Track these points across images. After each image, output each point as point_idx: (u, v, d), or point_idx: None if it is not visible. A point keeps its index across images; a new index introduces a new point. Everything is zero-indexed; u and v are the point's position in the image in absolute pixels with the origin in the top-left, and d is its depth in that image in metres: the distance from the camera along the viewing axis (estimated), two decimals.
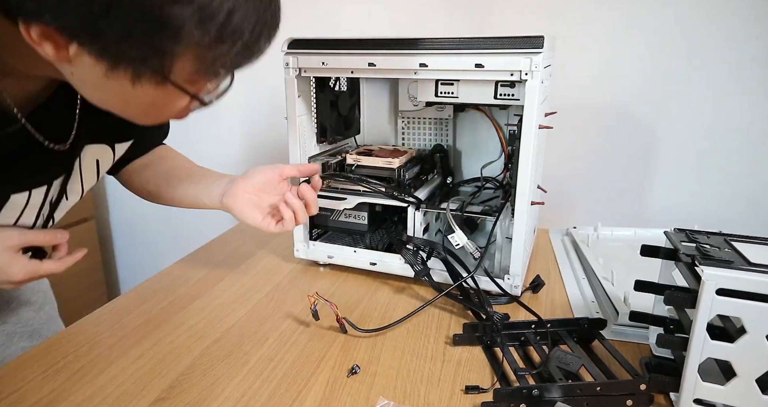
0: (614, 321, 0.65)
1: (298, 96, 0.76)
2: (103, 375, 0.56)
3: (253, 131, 1.58)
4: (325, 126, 0.84)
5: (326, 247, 0.83)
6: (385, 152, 0.84)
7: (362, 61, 0.70)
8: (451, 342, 0.62)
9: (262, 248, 0.93)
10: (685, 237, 0.54)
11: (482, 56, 0.64)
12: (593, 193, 1.28)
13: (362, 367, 0.57)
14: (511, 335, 0.62)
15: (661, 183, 1.22)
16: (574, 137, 1.22)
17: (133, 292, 0.76)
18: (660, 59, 1.14)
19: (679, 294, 0.49)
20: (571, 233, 0.95)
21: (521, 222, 0.68)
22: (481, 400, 0.52)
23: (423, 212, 0.78)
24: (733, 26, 1.07)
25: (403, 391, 0.54)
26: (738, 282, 0.45)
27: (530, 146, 0.65)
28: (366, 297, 0.74)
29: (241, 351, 0.61)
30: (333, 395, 0.53)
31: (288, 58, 0.74)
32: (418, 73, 0.68)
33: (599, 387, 0.51)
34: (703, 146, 1.17)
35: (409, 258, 0.73)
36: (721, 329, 0.50)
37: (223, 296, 0.75)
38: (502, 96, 0.70)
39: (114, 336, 0.64)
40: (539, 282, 0.76)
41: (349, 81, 0.90)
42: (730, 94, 1.12)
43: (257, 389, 0.54)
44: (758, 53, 1.07)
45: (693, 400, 0.49)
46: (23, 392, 0.54)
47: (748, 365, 0.46)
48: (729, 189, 1.17)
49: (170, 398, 0.53)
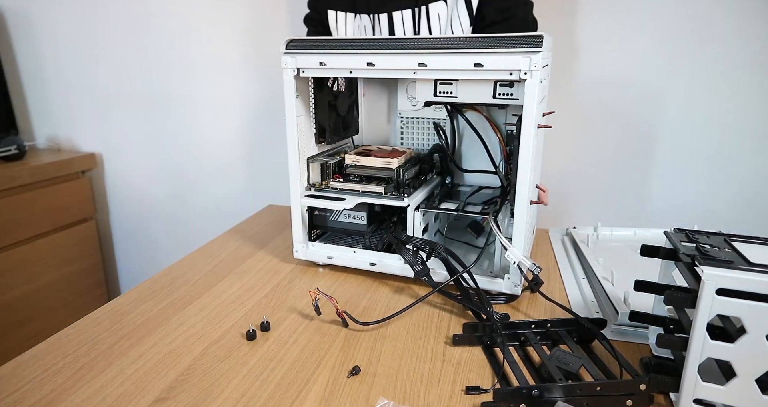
0: (614, 320, 0.65)
1: (296, 96, 0.76)
2: (103, 375, 0.56)
3: (252, 131, 1.58)
4: (324, 126, 0.84)
5: (325, 248, 0.83)
6: (383, 152, 0.84)
7: (361, 61, 0.70)
8: (451, 342, 0.62)
9: (262, 248, 0.93)
10: (685, 237, 0.54)
11: (481, 56, 0.64)
12: (593, 193, 1.28)
13: (362, 367, 0.57)
14: (511, 335, 0.62)
15: (661, 183, 1.22)
16: (574, 137, 1.22)
17: (133, 292, 0.76)
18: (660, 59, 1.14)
19: (679, 294, 0.49)
20: (571, 233, 0.95)
21: (521, 222, 0.68)
22: (481, 400, 0.52)
23: (423, 212, 0.78)
24: (734, 26, 1.07)
25: (403, 391, 0.54)
26: (738, 282, 0.45)
27: (529, 146, 0.65)
28: (366, 297, 0.74)
29: (241, 351, 0.61)
30: (333, 395, 0.53)
31: (286, 59, 0.74)
32: (416, 72, 0.68)
33: (599, 387, 0.51)
34: (703, 146, 1.17)
35: (409, 258, 0.73)
36: (721, 329, 0.50)
37: (223, 297, 0.75)
38: (500, 96, 0.70)
39: (114, 336, 0.64)
40: (538, 281, 0.75)
41: (347, 81, 0.90)
42: (730, 95, 1.12)
43: (257, 389, 0.54)
44: (758, 54, 1.07)
45: (693, 400, 0.49)
46: (23, 392, 0.54)
47: (748, 365, 0.46)
48: (729, 189, 1.17)
49: (170, 398, 0.53)
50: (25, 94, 1.79)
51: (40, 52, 1.72)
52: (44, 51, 1.71)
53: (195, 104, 1.60)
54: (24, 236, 1.53)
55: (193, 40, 1.53)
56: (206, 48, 1.53)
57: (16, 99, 1.79)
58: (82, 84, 1.71)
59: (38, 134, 1.83)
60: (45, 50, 1.71)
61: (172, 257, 0.92)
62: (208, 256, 0.90)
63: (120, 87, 1.67)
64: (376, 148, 0.88)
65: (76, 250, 1.69)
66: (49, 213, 1.60)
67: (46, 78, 1.74)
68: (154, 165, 1.71)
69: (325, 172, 0.82)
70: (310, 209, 0.84)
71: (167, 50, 1.57)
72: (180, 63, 1.57)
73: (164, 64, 1.59)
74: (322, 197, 0.79)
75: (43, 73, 1.74)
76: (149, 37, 1.57)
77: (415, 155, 0.86)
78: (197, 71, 1.56)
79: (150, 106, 1.65)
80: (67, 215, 1.67)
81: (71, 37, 1.65)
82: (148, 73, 1.62)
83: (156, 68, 1.60)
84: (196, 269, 0.84)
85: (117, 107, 1.70)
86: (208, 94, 1.58)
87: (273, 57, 1.46)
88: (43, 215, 1.58)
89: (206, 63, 1.54)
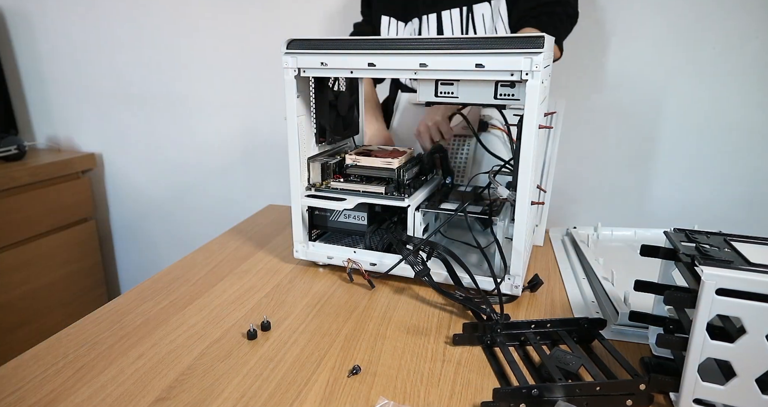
0: (614, 321, 0.65)
1: (297, 96, 0.76)
2: (103, 375, 0.56)
3: (253, 131, 1.58)
4: (324, 126, 0.84)
5: (325, 247, 0.83)
6: (384, 152, 0.84)
7: (362, 61, 0.70)
8: (451, 342, 0.62)
9: (262, 248, 0.93)
10: (685, 237, 0.54)
11: (482, 56, 0.64)
12: (593, 193, 1.28)
13: (362, 367, 0.57)
14: (511, 335, 0.62)
15: (661, 183, 1.23)
16: (574, 138, 1.23)
17: (133, 292, 0.76)
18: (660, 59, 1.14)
19: (679, 294, 0.49)
20: (571, 233, 0.95)
21: (521, 222, 0.68)
22: (481, 400, 0.52)
23: (423, 212, 0.78)
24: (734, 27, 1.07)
25: (403, 391, 0.54)
26: (738, 282, 0.45)
27: (530, 146, 0.65)
28: (366, 297, 0.74)
29: (241, 351, 0.61)
30: (333, 395, 0.53)
31: (287, 59, 0.74)
32: (417, 73, 0.68)
33: (599, 387, 0.51)
34: (703, 146, 1.17)
35: (409, 258, 0.73)
36: (721, 329, 0.50)
37: (224, 296, 0.75)
38: (501, 96, 0.70)
39: (114, 336, 0.64)
40: (537, 281, 0.76)
41: (348, 81, 0.90)
42: (730, 95, 1.12)
43: (257, 389, 0.54)
44: (758, 54, 1.07)
45: (693, 400, 0.49)
46: (23, 392, 0.54)
47: (748, 365, 0.46)
48: (729, 189, 1.18)
49: (170, 398, 0.53)
50: (25, 95, 1.79)
51: (40, 52, 1.72)
52: (44, 51, 1.71)
53: (195, 104, 1.60)
54: (24, 236, 1.53)
55: (193, 40, 1.53)
56: (206, 48, 1.53)
57: (16, 99, 1.79)
58: (82, 84, 1.71)
59: (38, 134, 1.83)
60: (45, 50, 1.71)
61: (172, 257, 0.92)
62: (208, 256, 0.90)
63: (120, 87, 1.67)
64: (376, 148, 0.88)
65: (76, 250, 1.69)
66: (49, 213, 1.60)
67: (46, 78, 1.75)
68: (154, 165, 1.71)
69: (326, 172, 0.82)
70: (310, 209, 0.84)
71: (167, 50, 1.57)
72: (180, 63, 1.57)
73: (164, 65, 1.59)
74: (322, 197, 0.79)
75: (43, 73, 1.74)
76: (149, 38, 1.57)
77: (415, 155, 0.86)
78: (197, 71, 1.56)
79: (150, 106, 1.65)
80: (67, 215, 1.67)
81: (71, 37, 1.65)
82: (148, 74, 1.62)
83: (156, 68, 1.60)
84: (196, 269, 0.84)
85: (117, 107, 1.70)
86: (208, 94, 1.58)
87: (273, 57, 1.46)
88: (43, 215, 1.58)
89: (206, 63, 1.55)
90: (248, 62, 1.50)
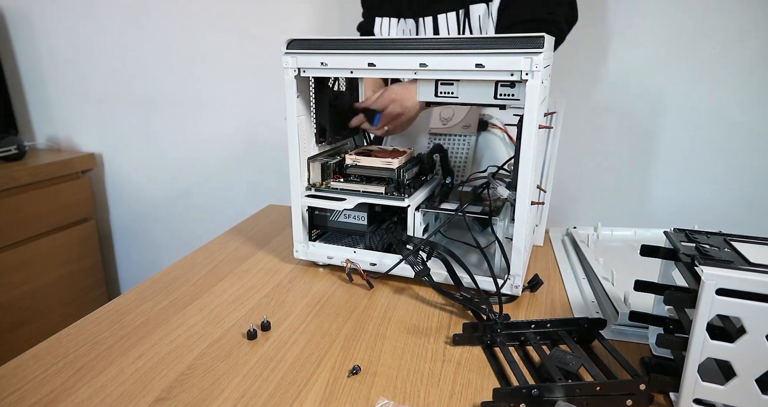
0: (614, 321, 0.65)
1: (297, 96, 0.76)
2: (103, 375, 0.56)
3: (253, 131, 1.58)
4: (324, 126, 0.84)
5: (325, 247, 0.83)
6: (384, 152, 0.84)
7: (362, 61, 0.70)
8: (451, 342, 0.62)
9: (262, 248, 0.93)
10: (685, 237, 0.54)
11: (482, 56, 0.64)
12: (593, 193, 1.28)
13: (362, 367, 0.57)
14: (511, 335, 0.62)
15: (661, 183, 1.23)
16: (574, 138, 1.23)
17: (133, 292, 0.76)
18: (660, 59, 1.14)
19: (679, 294, 0.49)
20: (571, 233, 0.95)
21: (521, 222, 0.68)
22: (481, 400, 0.52)
23: (423, 212, 0.78)
24: (734, 27, 1.07)
25: (403, 391, 0.54)
26: (738, 282, 0.45)
27: (530, 146, 0.65)
28: (366, 297, 0.74)
29: (241, 351, 0.61)
30: (333, 395, 0.53)
31: (287, 58, 0.74)
32: (417, 73, 0.68)
33: (599, 387, 0.51)
34: (703, 146, 1.17)
35: (409, 258, 0.73)
36: (721, 329, 0.50)
37: (224, 296, 0.75)
38: (501, 96, 0.70)
39: (114, 336, 0.64)
40: (537, 281, 0.76)
41: (348, 81, 0.90)
42: (730, 95, 1.12)
43: (257, 389, 0.54)
44: (758, 54, 1.07)
45: (693, 400, 0.49)
46: (23, 392, 0.54)
47: (748, 365, 0.46)
48: (729, 189, 1.18)
49: (170, 398, 0.53)
50: (25, 95, 1.79)
51: (40, 53, 1.72)
52: (44, 51, 1.71)
53: (195, 104, 1.60)
54: (24, 236, 1.53)
55: (193, 40, 1.53)
56: (206, 48, 1.53)
57: (16, 99, 1.79)
58: (82, 84, 1.71)
59: (38, 134, 1.83)
60: (45, 50, 1.71)
61: (172, 257, 0.92)
62: (208, 256, 0.90)
63: (120, 87, 1.67)
64: (376, 148, 0.88)
65: (76, 250, 1.69)
66: (49, 213, 1.60)
67: (46, 78, 1.75)
68: (154, 165, 1.71)
69: (326, 172, 0.82)
70: (310, 209, 0.84)
71: (167, 50, 1.57)
72: (180, 63, 1.57)
73: (164, 65, 1.59)
74: (322, 197, 0.79)
75: (43, 73, 1.74)
76: (149, 38, 1.57)
77: (415, 155, 0.86)
78: (197, 71, 1.56)
79: (150, 106, 1.65)
80: (67, 215, 1.67)
81: (71, 37, 1.65)
82: (148, 74, 1.62)
83: (156, 68, 1.60)
84: (196, 269, 0.84)
85: (117, 107, 1.70)
86: (208, 94, 1.58)
87: (273, 57, 1.46)
88: (43, 215, 1.58)
89: (206, 63, 1.55)
90: (248, 62, 1.50)
